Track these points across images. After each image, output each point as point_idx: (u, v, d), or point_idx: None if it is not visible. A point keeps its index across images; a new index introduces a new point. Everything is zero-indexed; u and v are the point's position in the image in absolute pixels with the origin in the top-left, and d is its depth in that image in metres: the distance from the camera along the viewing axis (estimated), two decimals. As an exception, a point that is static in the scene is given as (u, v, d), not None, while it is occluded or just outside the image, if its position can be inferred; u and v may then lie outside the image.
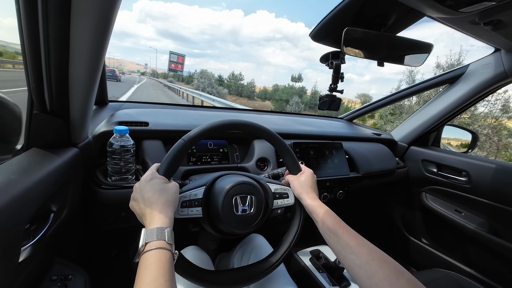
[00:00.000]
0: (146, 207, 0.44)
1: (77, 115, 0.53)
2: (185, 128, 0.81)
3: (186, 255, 0.55)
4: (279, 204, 0.61)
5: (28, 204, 0.39)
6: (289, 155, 0.63)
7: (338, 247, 0.48)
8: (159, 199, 0.44)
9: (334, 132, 1.16)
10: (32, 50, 0.42)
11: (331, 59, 0.85)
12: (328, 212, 0.54)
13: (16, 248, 0.38)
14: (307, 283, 0.91)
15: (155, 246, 0.38)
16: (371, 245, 0.46)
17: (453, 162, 1.11)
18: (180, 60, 39.63)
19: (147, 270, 0.36)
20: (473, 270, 1.08)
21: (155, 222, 0.42)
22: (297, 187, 0.61)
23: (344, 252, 0.47)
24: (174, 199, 0.47)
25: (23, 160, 0.44)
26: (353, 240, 0.47)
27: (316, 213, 0.55)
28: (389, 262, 0.42)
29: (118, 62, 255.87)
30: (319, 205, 0.56)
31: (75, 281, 0.52)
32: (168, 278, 0.35)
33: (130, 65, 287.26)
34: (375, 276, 0.40)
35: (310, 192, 0.59)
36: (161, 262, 0.37)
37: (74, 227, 0.71)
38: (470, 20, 0.62)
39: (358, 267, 0.43)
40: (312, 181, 0.62)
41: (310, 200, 0.57)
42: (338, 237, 0.49)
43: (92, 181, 0.65)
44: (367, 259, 0.43)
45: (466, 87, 1.04)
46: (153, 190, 0.45)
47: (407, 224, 1.37)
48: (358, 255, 0.44)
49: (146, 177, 0.48)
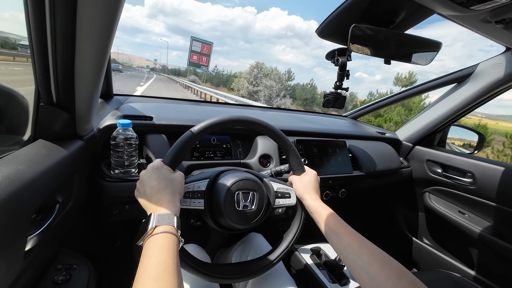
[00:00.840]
0: (153, 194, 0.44)
1: (83, 108, 0.53)
2: (190, 123, 0.81)
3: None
4: (281, 203, 0.61)
5: (34, 194, 0.40)
6: (294, 155, 0.63)
7: (340, 247, 0.48)
8: (167, 188, 0.45)
9: (338, 130, 1.16)
10: (39, 43, 0.43)
11: (337, 56, 0.84)
12: (330, 213, 0.54)
13: (23, 236, 0.38)
14: (307, 280, 0.92)
15: (165, 230, 0.39)
16: (373, 246, 0.45)
17: (459, 163, 1.10)
18: (205, 50, 27.54)
19: (156, 251, 0.36)
20: (474, 272, 1.08)
21: (164, 208, 0.42)
22: (299, 187, 0.61)
23: (345, 252, 0.47)
24: (180, 189, 0.48)
25: (30, 151, 0.45)
26: (354, 241, 0.47)
27: (318, 214, 0.55)
28: (391, 263, 0.42)
29: (127, 57, 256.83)
30: (321, 205, 0.56)
31: (80, 270, 0.53)
32: (175, 261, 0.36)
33: (139, 60, 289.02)
34: (377, 277, 0.40)
35: (312, 193, 0.59)
36: (170, 246, 0.37)
37: (80, 218, 0.72)
38: (482, 18, 0.60)
39: (359, 268, 0.43)
40: (315, 182, 0.62)
41: (312, 201, 0.57)
42: (339, 238, 0.49)
43: (97, 173, 0.66)
44: (368, 260, 0.43)
45: (475, 87, 1.02)
46: (160, 179, 0.45)
47: (409, 224, 1.36)
48: (360, 256, 0.44)
49: (153, 165, 0.48)
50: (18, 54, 18.64)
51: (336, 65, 0.86)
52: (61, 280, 0.50)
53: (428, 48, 0.73)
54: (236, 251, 0.79)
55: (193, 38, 27.82)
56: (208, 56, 27.86)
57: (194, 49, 27.14)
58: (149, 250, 0.36)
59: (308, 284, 0.90)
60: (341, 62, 0.83)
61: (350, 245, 0.47)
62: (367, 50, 0.71)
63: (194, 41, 27.35)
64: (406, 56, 0.74)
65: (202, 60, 27.73)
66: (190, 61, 27.42)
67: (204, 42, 27.49)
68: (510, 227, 0.95)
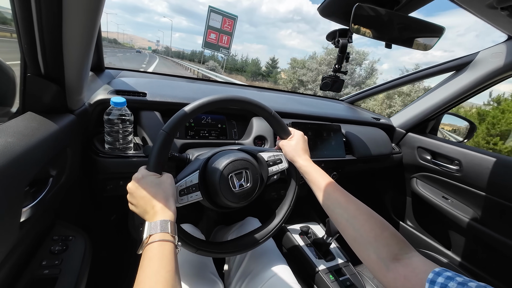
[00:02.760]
0: (146, 204, 0.44)
1: (73, 80, 0.51)
2: (184, 101, 0.79)
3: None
4: (274, 170, 0.63)
5: (26, 166, 0.39)
6: (276, 120, 0.63)
7: (328, 202, 0.51)
8: (158, 195, 0.44)
9: (334, 114, 1.16)
10: (23, 8, 0.40)
11: (337, 37, 0.82)
12: (320, 172, 0.56)
13: (18, 208, 0.39)
14: (296, 256, 0.97)
15: (158, 238, 0.39)
16: (359, 202, 0.48)
17: (448, 150, 1.13)
18: (227, 27, 19.44)
19: (150, 261, 0.37)
20: (452, 253, 1.16)
21: (158, 215, 0.42)
22: (289, 151, 0.62)
23: (333, 207, 0.50)
24: (172, 191, 0.47)
25: (19, 124, 0.44)
26: (342, 197, 0.49)
27: (309, 173, 0.57)
28: (375, 217, 0.44)
29: (129, 37, 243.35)
30: (311, 165, 0.58)
31: (76, 242, 0.55)
32: (169, 269, 0.36)
33: (141, 41, 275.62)
34: (361, 229, 0.43)
35: (302, 154, 0.61)
36: (163, 254, 0.38)
37: (74, 192, 0.73)
38: (488, 3, 0.58)
39: (345, 220, 0.46)
40: (303, 142, 0.63)
41: (302, 162, 0.59)
42: (328, 194, 0.51)
43: (90, 149, 0.65)
44: (354, 213, 0.46)
45: (473, 75, 1.02)
46: (148, 187, 0.45)
47: (395, 208, 1.43)
48: (346, 210, 0.47)
49: (137, 176, 0.47)
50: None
51: (336, 46, 0.84)
52: (58, 250, 0.51)
53: (431, 33, 0.72)
54: (233, 233, 0.82)
55: (211, 8, 18.67)
56: (231, 35, 19.71)
57: (212, 25, 18.78)
58: (144, 261, 0.37)
59: (297, 260, 0.95)
60: (342, 44, 0.81)
61: (337, 200, 0.49)
62: (369, 32, 0.69)
63: (213, 13, 18.64)
64: (408, 41, 0.73)
65: (222, 40, 19.47)
66: (206, 41, 18.98)
67: (226, 15, 19.07)
68: (490, 213, 1.00)
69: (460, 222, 1.07)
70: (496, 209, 0.97)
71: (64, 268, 0.48)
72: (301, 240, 1.01)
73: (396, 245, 0.39)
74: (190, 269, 0.63)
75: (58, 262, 0.49)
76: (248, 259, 0.70)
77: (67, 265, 0.49)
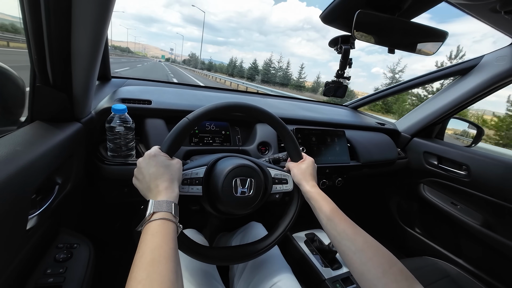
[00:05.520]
0: (151, 181, 0.44)
1: (80, 90, 0.53)
2: (189, 108, 0.80)
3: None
4: (278, 189, 0.62)
5: (33, 175, 0.40)
6: (291, 141, 0.63)
7: (334, 233, 0.49)
8: (165, 175, 0.45)
9: (338, 119, 1.15)
10: (33, 22, 0.41)
11: (340, 44, 0.82)
12: (326, 199, 0.55)
13: (24, 216, 0.39)
14: (301, 264, 0.95)
15: (162, 216, 0.39)
16: (366, 234, 0.47)
17: (455, 155, 1.11)
18: None
19: (153, 237, 0.37)
20: (461, 260, 1.12)
21: (163, 195, 0.43)
22: (297, 174, 0.61)
23: (339, 238, 0.48)
24: (178, 175, 0.48)
25: (27, 133, 0.45)
26: (350, 228, 0.48)
27: (315, 200, 0.56)
28: (383, 252, 0.43)
29: (143, 46, 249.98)
30: (317, 192, 0.57)
31: (80, 249, 0.55)
32: (172, 246, 0.36)
33: (154, 50, 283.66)
34: (368, 263, 0.42)
35: (309, 180, 0.60)
36: (166, 232, 0.38)
37: (79, 200, 0.73)
38: (491, 7, 0.58)
39: (352, 253, 0.45)
40: (312, 169, 0.63)
41: (309, 187, 0.58)
42: (335, 224, 0.50)
43: (95, 156, 0.66)
44: (362, 246, 0.44)
45: (478, 79, 1.01)
46: (157, 166, 0.46)
47: (402, 214, 1.40)
48: (354, 242, 0.45)
49: (150, 153, 0.48)
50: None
51: (339, 52, 0.84)
52: (62, 258, 0.51)
53: (434, 38, 0.71)
54: (236, 238, 0.81)
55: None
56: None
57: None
58: (146, 236, 0.37)
59: (302, 268, 0.93)
60: (344, 50, 0.81)
61: (344, 232, 0.48)
62: (371, 38, 0.69)
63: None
64: (411, 46, 0.73)
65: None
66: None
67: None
68: (500, 219, 0.97)
69: (471, 229, 1.04)
70: (509, 215, 0.94)
71: (69, 276, 0.48)
72: (306, 247, 0.99)
73: (405, 281, 0.38)
74: (194, 276, 0.62)
75: (62, 270, 0.49)
76: (252, 266, 0.69)
77: (71, 273, 0.49)
